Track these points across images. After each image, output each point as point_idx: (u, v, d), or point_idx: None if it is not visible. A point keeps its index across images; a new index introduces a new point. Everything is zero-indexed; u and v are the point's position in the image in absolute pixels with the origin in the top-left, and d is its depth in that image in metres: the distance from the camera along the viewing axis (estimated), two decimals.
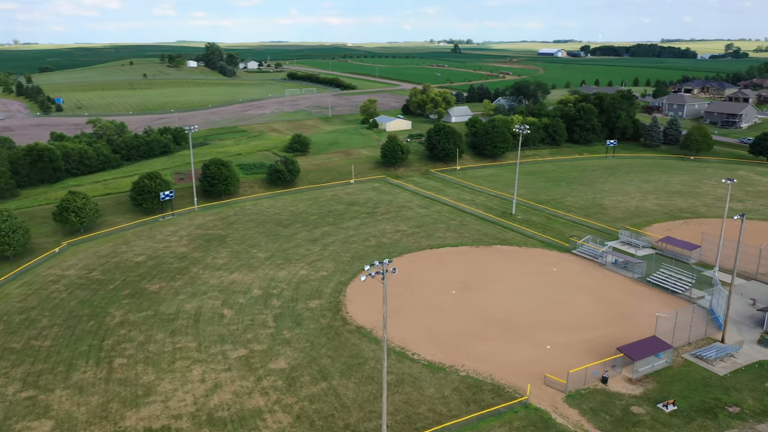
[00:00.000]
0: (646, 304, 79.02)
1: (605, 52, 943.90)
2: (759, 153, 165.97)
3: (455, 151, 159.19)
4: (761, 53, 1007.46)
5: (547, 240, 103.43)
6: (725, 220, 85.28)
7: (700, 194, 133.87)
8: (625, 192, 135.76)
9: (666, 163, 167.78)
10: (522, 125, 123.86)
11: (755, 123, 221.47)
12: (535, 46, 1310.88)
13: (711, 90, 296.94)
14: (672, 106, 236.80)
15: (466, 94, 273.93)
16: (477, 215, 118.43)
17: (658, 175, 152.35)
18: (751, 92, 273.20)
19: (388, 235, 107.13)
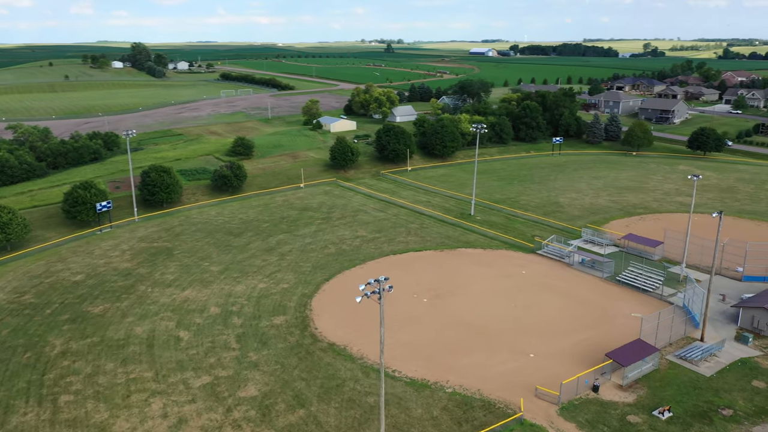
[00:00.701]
0: (619, 304, 77.81)
1: (533, 52, 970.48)
2: (697, 148, 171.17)
3: (406, 151, 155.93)
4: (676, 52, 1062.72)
5: (510, 241, 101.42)
6: (691, 216, 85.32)
7: (648, 189, 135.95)
8: (577, 189, 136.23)
9: (610, 159, 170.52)
10: (478, 124, 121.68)
11: (687, 118, 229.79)
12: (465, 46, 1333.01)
13: (641, 87, 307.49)
14: (608, 103, 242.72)
15: (408, 94, 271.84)
16: (436, 217, 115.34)
17: (605, 171, 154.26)
18: (679, 89, 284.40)
19: (347, 241, 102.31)
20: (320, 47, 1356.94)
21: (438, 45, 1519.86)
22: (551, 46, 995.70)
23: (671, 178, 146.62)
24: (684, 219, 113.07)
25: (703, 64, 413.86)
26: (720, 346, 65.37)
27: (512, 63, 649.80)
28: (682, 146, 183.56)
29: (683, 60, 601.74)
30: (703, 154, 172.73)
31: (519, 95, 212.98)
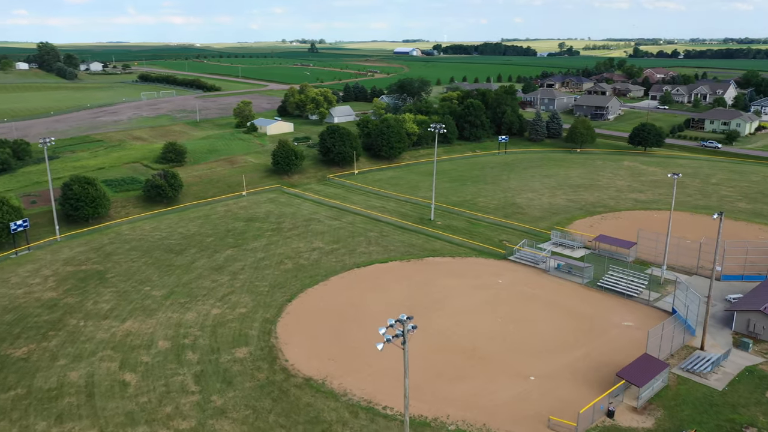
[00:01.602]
0: (607, 312, 73.36)
1: (456, 51, 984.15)
2: (638, 143, 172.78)
3: (352, 154, 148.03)
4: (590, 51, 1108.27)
5: (478, 247, 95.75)
6: (672, 213, 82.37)
7: (602, 187, 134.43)
8: (532, 189, 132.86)
9: (557, 157, 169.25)
10: (436, 124, 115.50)
11: (619, 114, 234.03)
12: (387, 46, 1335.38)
13: (570, 84, 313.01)
14: (543, 100, 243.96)
15: (342, 94, 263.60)
16: (395, 224, 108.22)
17: (555, 169, 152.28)
18: (607, 86, 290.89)
19: (304, 254, 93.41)
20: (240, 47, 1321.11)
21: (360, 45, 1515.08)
22: (473, 46, 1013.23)
23: (620, 175, 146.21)
24: (645, 216, 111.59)
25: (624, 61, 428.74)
26: (726, 355, 61.69)
27: (439, 62, 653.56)
28: (622, 142, 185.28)
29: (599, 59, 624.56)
30: (644, 150, 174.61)
31: (458, 93, 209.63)
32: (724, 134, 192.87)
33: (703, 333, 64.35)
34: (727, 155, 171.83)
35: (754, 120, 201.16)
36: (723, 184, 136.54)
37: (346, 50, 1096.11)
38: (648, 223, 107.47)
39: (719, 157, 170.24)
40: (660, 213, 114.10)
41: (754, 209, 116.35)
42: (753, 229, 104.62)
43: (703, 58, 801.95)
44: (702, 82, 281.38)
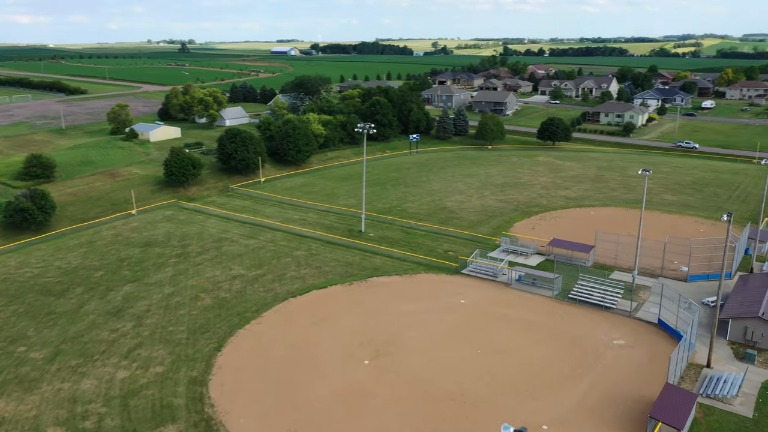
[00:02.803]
0: (592, 330, 64.99)
1: (334, 50, 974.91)
2: (547, 138, 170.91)
3: (257, 160, 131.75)
4: (462, 50, 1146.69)
5: (424, 261, 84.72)
6: (643, 212, 75.89)
7: (526, 185, 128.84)
8: (457, 190, 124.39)
9: (470, 155, 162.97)
10: (365, 124, 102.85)
11: (517, 110, 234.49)
12: (261, 46, 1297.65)
13: (461, 81, 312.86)
14: (441, 97, 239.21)
15: (229, 95, 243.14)
16: (322, 239, 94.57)
17: (473, 168, 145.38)
18: (498, 82, 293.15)
19: (223, 285, 77.40)
20: (101, 48, 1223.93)
21: (233, 45, 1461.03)
22: (351, 45, 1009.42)
23: (539, 171, 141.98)
24: (583, 214, 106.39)
25: (506, 59, 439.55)
26: (741, 373, 54.90)
27: (322, 61, 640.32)
28: (529, 137, 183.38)
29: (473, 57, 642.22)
30: (553, 144, 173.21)
31: (359, 91, 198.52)
32: (619, 126, 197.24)
33: (710, 349, 57.38)
34: (629, 147, 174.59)
35: (644, 112, 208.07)
36: (641, 176, 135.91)
37: (219, 50, 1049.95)
38: (588, 221, 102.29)
39: (624, 149, 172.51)
40: (597, 210, 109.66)
41: (681, 201, 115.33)
42: (689, 222, 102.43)
43: (566, 55, 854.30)
44: (587, 77, 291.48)
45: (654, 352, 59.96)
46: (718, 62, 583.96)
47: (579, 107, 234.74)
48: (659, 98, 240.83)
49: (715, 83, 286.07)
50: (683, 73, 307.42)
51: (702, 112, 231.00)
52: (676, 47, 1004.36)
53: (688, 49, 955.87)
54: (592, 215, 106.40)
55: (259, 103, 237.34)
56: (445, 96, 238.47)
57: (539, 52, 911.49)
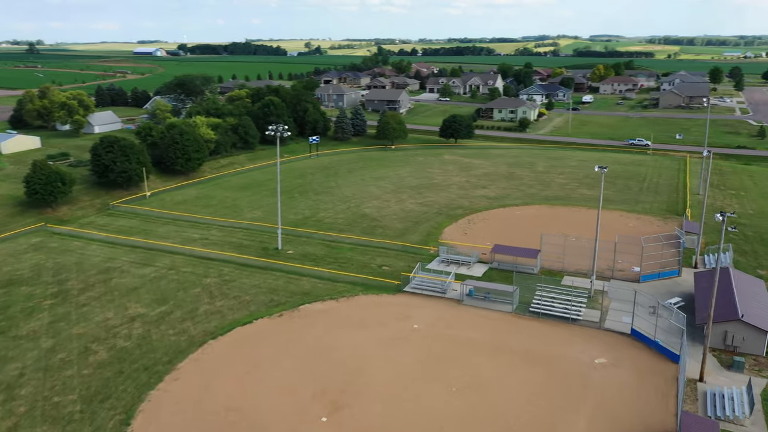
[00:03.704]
0: (567, 349, 58.11)
1: (204, 51, 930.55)
2: (450, 135, 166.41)
3: (141, 171, 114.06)
4: (335, 50, 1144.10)
5: (359, 280, 74.34)
6: (600, 212, 70.47)
7: (442, 185, 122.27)
8: (372, 195, 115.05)
9: (374, 156, 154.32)
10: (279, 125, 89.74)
11: (410, 108, 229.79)
12: (121, 47, 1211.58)
13: (348, 80, 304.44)
14: (332, 96, 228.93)
15: (95, 98, 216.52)
16: (234, 261, 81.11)
17: (382, 170, 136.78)
18: (385, 80, 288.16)
19: (120, 330, 62.23)
20: None
21: (89, 46, 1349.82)
22: (221, 46, 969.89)
23: (450, 170, 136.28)
24: (509, 214, 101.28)
25: (388, 57, 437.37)
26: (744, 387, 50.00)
27: (193, 61, 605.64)
28: (430, 135, 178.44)
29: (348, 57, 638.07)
30: (455, 142, 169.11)
31: (247, 91, 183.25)
32: (513, 122, 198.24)
33: (703, 361, 52.24)
34: (528, 142, 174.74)
35: (535, 107, 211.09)
36: (551, 171, 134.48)
37: (74, 52, 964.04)
38: (517, 221, 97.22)
39: (524, 144, 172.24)
40: (521, 209, 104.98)
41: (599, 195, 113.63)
42: (615, 217, 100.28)
43: (438, 55, 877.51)
44: (473, 74, 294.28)
45: (641, 370, 54.03)
46: (577, 60, 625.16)
47: (470, 104, 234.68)
48: (543, 93, 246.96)
49: (589, 79, 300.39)
50: (559, 69, 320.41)
51: (583, 107, 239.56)
52: (536, 47, 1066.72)
53: (548, 48, 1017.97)
54: (518, 215, 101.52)
55: (131, 107, 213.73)
56: (336, 95, 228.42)
57: (412, 51, 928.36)
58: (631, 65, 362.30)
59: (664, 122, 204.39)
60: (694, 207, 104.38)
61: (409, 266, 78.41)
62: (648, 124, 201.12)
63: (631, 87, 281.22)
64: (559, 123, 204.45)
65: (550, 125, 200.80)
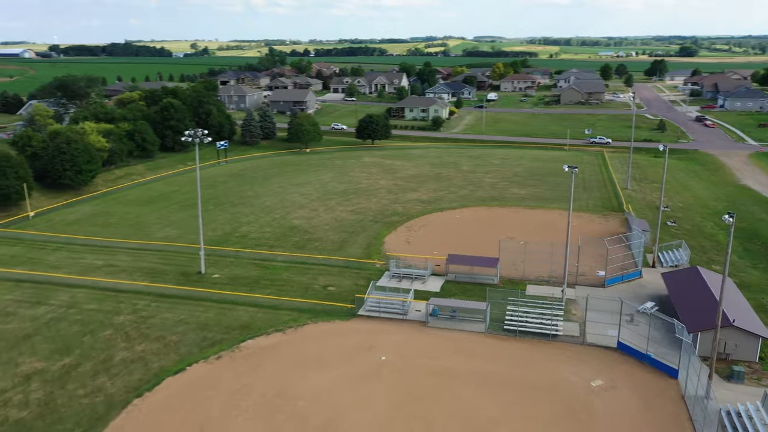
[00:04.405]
0: (558, 371, 51.91)
1: (80, 52, 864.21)
2: (367, 137, 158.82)
3: (21, 187, 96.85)
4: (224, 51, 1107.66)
5: (305, 305, 64.71)
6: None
7: (370, 190, 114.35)
8: (298, 204, 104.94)
9: (289, 161, 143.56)
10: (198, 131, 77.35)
11: (318, 108, 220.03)
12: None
13: (247, 81, 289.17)
14: (233, 98, 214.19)
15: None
16: (150, 292, 68.52)
17: (301, 176, 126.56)
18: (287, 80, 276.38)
19: (13, 397, 48.79)
20: None
21: None
22: (99, 47, 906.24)
23: (374, 173, 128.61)
24: (448, 218, 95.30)
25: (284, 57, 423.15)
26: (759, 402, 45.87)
27: (69, 63, 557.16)
28: (344, 137, 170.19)
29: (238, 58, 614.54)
30: (372, 143, 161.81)
31: (140, 93, 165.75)
32: (426, 121, 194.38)
33: (710, 376, 47.72)
34: (445, 141, 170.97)
35: (446, 106, 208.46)
36: (477, 171, 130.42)
37: None
38: (459, 226, 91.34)
39: (443, 143, 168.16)
40: (460, 212, 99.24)
41: (533, 194, 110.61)
42: (556, 216, 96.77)
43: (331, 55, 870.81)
44: (378, 74, 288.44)
45: (642, 391, 48.80)
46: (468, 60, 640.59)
47: (378, 104, 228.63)
48: (450, 92, 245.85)
49: (490, 77, 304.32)
50: (460, 68, 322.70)
51: (489, 104, 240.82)
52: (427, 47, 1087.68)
53: (438, 48, 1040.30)
54: (459, 219, 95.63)
55: (0, 113, 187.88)
56: (237, 97, 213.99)
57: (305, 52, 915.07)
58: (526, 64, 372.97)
59: (569, 118, 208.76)
60: (628, 202, 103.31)
61: (357, 285, 69.77)
62: (555, 120, 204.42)
63: (530, 84, 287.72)
64: (471, 121, 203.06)
65: (462, 123, 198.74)
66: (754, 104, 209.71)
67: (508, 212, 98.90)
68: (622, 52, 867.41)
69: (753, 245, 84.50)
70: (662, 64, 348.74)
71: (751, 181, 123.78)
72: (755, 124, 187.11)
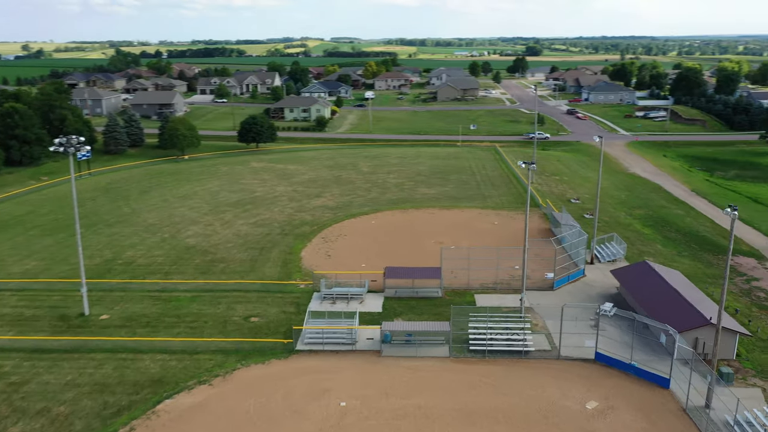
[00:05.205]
0: (547, 395, 45.67)
1: None
2: (251, 140, 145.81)
3: None
4: (62, 53, 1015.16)
5: (228, 345, 53.42)
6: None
7: (269, 199, 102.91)
8: (189, 219, 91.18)
9: (167, 170, 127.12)
10: (73, 137, 61.92)
11: (186, 111, 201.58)
12: None
13: (99, 83, 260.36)
14: (87, 102, 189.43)
15: None
16: (21, 347, 53.26)
17: (185, 186, 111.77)
18: (146, 82, 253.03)
19: None
20: None
21: None
22: None
23: (267, 180, 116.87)
24: (363, 225, 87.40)
25: (137, 58, 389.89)
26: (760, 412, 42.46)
27: None
28: (223, 141, 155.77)
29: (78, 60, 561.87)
30: (257, 147, 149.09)
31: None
32: (307, 121, 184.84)
33: (709, 386, 43.75)
34: (333, 141, 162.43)
35: (328, 105, 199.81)
36: (378, 171, 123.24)
37: None
38: (377, 232, 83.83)
39: (332, 144, 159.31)
40: (375, 217, 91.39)
41: (443, 193, 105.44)
42: (474, 215, 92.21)
43: (186, 56, 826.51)
44: (249, 74, 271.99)
45: (642, 409, 43.91)
46: (331, 60, 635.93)
47: (253, 104, 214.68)
48: (326, 91, 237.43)
49: (363, 76, 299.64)
50: (332, 67, 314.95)
51: (367, 103, 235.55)
52: (286, 48, 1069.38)
53: (298, 49, 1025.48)
54: (376, 225, 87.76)
55: None
56: (92, 100, 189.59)
57: (156, 53, 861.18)
58: (395, 62, 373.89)
59: (450, 114, 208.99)
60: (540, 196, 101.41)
61: (284, 312, 59.49)
62: (436, 117, 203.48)
63: (403, 82, 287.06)
64: (354, 120, 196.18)
65: (346, 123, 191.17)
66: (615, 97, 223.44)
67: (424, 214, 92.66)
68: (476, 52, 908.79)
69: (669, 233, 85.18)
70: (523, 62, 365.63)
71: (639, 169, 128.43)
72: (621, 115, 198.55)
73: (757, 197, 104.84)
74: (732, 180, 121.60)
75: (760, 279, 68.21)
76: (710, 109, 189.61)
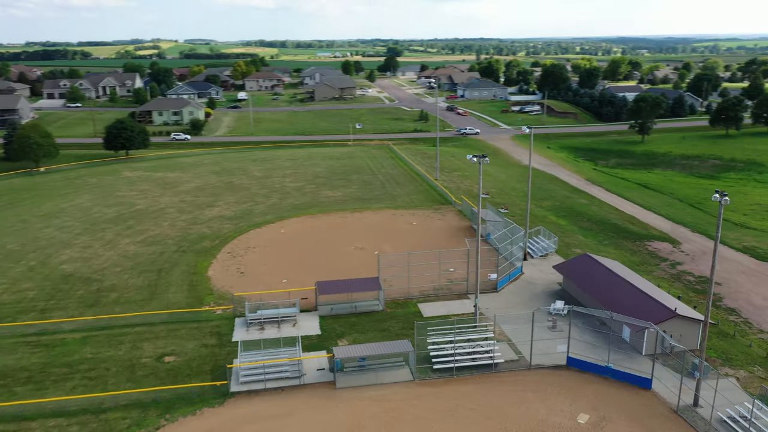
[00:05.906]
0: (531, 412, 40.97)
1: None
2: (120, 147, 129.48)
3: None
4: None
5: (143, 397, 43.27)
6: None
7: (154, 212, 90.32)
8: (59, 241, 76.79)
9: (19, 185, 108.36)
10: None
11: (34, 117, 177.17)
12: None
13: None
14: None
15: None
16: None
17: (46, 203, 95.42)
18: None
19: None
20: None
21: None
22: None
23: (146, 190, 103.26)
24: (272, 235, 78.93)
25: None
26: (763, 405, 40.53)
27: None
28: (86, 149, 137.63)
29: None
30: (127, 154, 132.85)
31: None
32: (180, 125, 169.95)
33: (697, 385, 41.27)
34: (213, 145, 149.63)
35: (201, 107, 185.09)
36: (272, 175, 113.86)
37: None
38: (291, 242, 75.67)
39: (212, 148, 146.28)
40: (283, 225, 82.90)
41: (349, 195, 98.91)
42: (388, 216, 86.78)
43: (20, 59, 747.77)
44: (106, 75, 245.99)
45: (634, 416, 40.57)
46: (188, 62, 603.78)
47: (113, 108, 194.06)
48: (195, 93, 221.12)
49: (231, 76, 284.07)
50: (197, 68, 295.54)
51: (241, 104, 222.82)
52: (137, 50, 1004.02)
53: (151, 51, 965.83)
54: (287, 234, 79.36)
55: None
56: None
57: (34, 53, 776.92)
58: (264, 62, 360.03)
59: (331, 113, 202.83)
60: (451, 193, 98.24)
61: (205, 346, 50.05)
62: (318, 117, 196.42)
63: (276, 82, 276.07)
64: (231, 122, 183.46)
65: (223, 125, 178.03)
66: (488, 93, 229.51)
67: (335, 218, 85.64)
68: (339, 53, 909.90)
69: (583, 223, 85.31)
70: (394, 61, 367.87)
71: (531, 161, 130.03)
72: (498, 110, 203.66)
73: (646, 183, 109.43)
74: (614, 168, 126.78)
75: (683, 263, 69.12)
76: (578, 102, 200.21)
